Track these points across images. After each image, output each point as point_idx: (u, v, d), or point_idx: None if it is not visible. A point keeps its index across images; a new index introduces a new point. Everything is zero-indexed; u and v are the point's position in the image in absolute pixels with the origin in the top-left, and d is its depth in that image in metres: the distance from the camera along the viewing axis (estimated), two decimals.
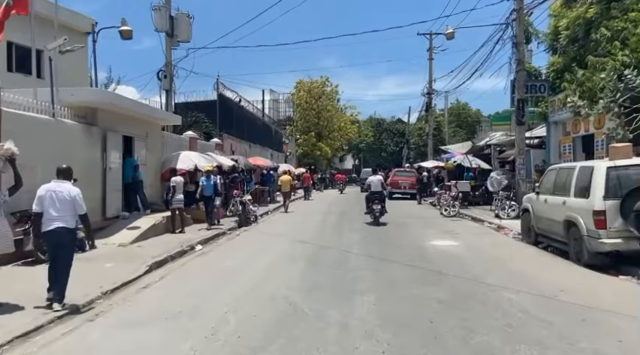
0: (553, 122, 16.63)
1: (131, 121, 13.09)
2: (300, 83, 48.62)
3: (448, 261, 9.00)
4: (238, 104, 26.40)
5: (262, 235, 13.25)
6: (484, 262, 9.03)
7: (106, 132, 11.75)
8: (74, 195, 6.06)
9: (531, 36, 17.33)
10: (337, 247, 10.77)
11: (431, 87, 32.74)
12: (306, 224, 15.98)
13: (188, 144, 18.49)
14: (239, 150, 25.76)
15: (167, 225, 12.62)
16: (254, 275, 7.84)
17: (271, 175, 25.52)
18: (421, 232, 13.59)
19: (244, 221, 15.42)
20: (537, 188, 10.97)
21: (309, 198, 30.36)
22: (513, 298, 6.32)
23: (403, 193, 29.34)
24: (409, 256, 9.47)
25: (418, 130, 45.21)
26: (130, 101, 12.47)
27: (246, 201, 15.76)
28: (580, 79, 11.40)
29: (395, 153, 60.12)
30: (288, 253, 10.02)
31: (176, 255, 9.83)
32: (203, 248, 10.92)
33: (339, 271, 8.09)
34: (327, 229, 14.54)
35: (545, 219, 10.23)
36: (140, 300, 6.48)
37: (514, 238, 12.28)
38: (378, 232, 13.46)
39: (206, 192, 13.20)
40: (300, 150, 47.45)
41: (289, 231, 14.04)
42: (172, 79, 19.80)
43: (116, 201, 12.30)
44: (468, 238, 12.25)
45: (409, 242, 11.51)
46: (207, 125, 22.46)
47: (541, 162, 17.45)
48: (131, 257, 9.15)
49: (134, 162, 13.08)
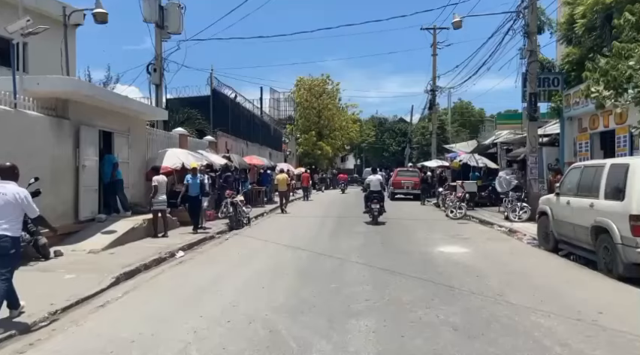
0: (568, 117, 15.47)
1: (110, 115, 11.98)
2: (300, 81, 47.45)
3: (460, 272, 7.86)
4: (234, 101, 25.26)
5: (252, 239, 12.11)
6: (501, 273, 7.88)
7: (79, 126, 10.63)
8: (23, 197, 5.11)
9: (543, 26, 16.19)
10: (334, 254, 9.64)
11: (435, 84, 31.61)
12: (302, 227, 14.86)
13: (178, 141, 17.40)
14: (235, 148, 24.65)
15: (148, 228, 11.51)
16: (233, 291, 6.71)
17: (268, 175, 24.39)
18: (426, 236, 12.45)
19: (235, 224, 14.30)
20: (557, 188, 9.83)
21: (308, 199, 29.33)
22: (544, 323, 5.18)
23: (405, 194, 28.19)
24: (414, 266, 8.33)
25: (421, 129, 44.06)
26: (106, 93, 11.35)
27: (237, 202, 14.63)
28: (603, 67, 10.21)
29: (397, 153, 59.06)
30: (277, 262, 8.89)
31: (152, 263, 8.71)
32: (184, 255, 9.80)
33: (333, 285, 6.95)
34: (324, 232, 13.41)
35: (567, 223, 9.08)
36: (90, 323, 5.35)
37: (530, 244, 11.13)
38: (380, 236, 12.33)
39: (191, 192, 12.08)
40: (301, 149, 46.26)
41: (283, 235, 12.92)
42: (162, 73, 18.70)
43: (92, 202, 11.19)
44: (479, 244, 11.10)
45: (414, 248, 10.37)
46: (200, 123, 21.32)
47: (554, 160, 16.29)
48: (98, 266, 8.04)
49: (114, 160, 11.97)
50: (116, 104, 11.93)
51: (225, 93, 23.84)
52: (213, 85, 22.02)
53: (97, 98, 10.91)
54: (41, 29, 8.79)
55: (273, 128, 38.27)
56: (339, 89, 49.71)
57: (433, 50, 31.58)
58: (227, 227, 13.99)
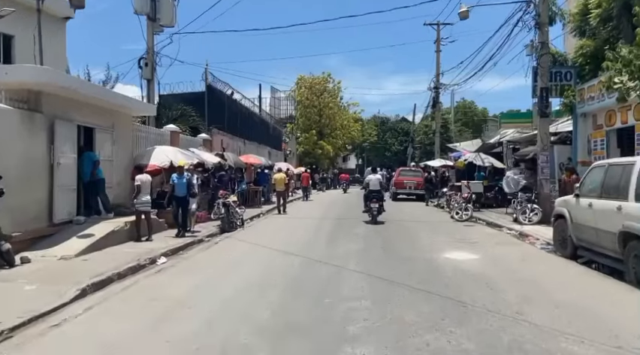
0: (582, 114, 14.55)
1: (91, 109, 11.12)
2: (301, 79, 46.54)
3: (470, 283, 6.98)
4: (230, 98, 24.39)
5: (243, 243, 11.25)
6: (517, 285, 7.00)
7: (54, 121, 9.76)
8: None
9: (555, 17, 15.28)
10: (330, 260, 8.77)
11: (438, 81, 30.64)
12: (298, 229, 14.00)
13: (170, 138, 16.56)
14: (231, 146, 23.79)
15: (131, 231, 10.66)
16: (212, 306, 5.85)
17: (265, 174, 23.52)
18: (431, 239, 11.57)
19: (227, 226, 13.44)
20: (575, 189, 8.95)
21: (307, 199, 28.49)
22: (578, 352, 4.31)
23: (408, 194, 27.29)
24: (419, 276, 7.46)
25: (424, 128, 43.13)
26: (85, 84, 10.49)
27: (229, 203, 13.78)
28: (627, 57, 9.34)
29: (399, 153, 58.08)
30: (266, 271, 8.03)
31: (127, 272, 7.85)
32: (166, 262, 8.93)
33: (327, 300, 6.08)
34: (321, 235, 12.54)
35: (589, 228, 8.20)
36: (32, 351, 4.50)
37: (544, 249, 10.24)
38: (381, 240, 11.45)
39: (178, 192, 11.20)
40: (301, 148, 45.36)
41: (277, 238, 12.06)
42: (154, 67, 17.83)
43: (69, 203, 10.32)
44: (489, 249, 10.22)
45: (417, 254, 9.49)
46: (195, 120, 20.43)
47: (566, 159, 15.38)
48: (65, 276, 7.18)
49: (94, 158, 11.11)
50: (97, 97, 11.07)
51: (221, 89, 22.97)
52: (208, 80, 21.15)
53: (74, 90, 10.03)
54: (7, 12, 7.93)
55: (272, 126, 37.40)
56: (341, 88, 48.88)
57: (437, 46, 30.66)
58: (218, 229, 13.15)
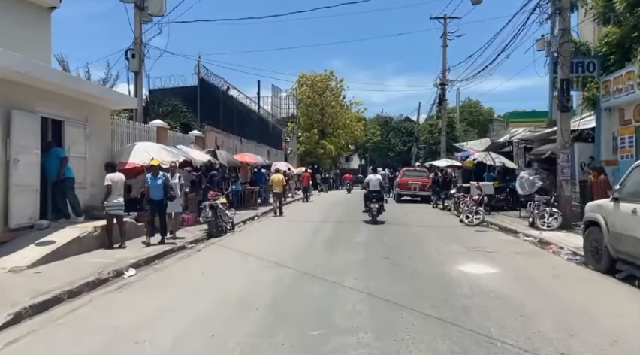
0: (606, 108, 13.21)
1: (58, 99, 9.90)
2: (303, 76, 45.31)
3: (495, 307, 5.69)
4: (226, 93, 23.13)
5: (230, 251, 9.98)
6: (552, 309, 5.70)
7: (10, 111, 8.53)
8: None
9: (576, 1, 13.97)
10: (325, 273, 7.50)
11: (445, 77, 29.33)
12: (294, 233, 12.74)
13: (156, 135, 15.35)
14: (226, 145, 22.56)
15: (102, 238, 9.43)
16: (169, 340, 4.58)
17: (262, 174, 22.27)
18: (441, 248, 10.28)
19: (215, 230, 12.19)
20: (613, 192, 7.65)
21: (308, 200, 27.27)
22: None
23: (412, 195, 25.98)
24: (430, 295, 6.18)
25: (429, 127, 41.76)
26: (47, 71, 9.22)
27: (217, 206, 12.53)
28: None
29: (403, 153, 56.81)
30: (248, 287, 6.76)
31: (83, 288, 6.60)
32: (135, 274, 7.68)
33: (316, 332, 4.79)
34: (318, 241, 11.27)
35: (631, 238, 6.90)
36: None
37: (572, 261, 8.92)
38: (385, 248, 10.17)
39: (153, 195, 9.92)
40: (302, 148, 44.08)
41: (269, 245, 10.81)
42: (142, 59, 16.63)
43: (29, 205, 9.08)
44: (509, 261, 8.92)
45: (427, 267, 8.20)
46: (186, 115, 19.18)
47: (587, 158, 14.06)
48: (2, 294, 5.94)
49: (61, 154, 9.87)
50: (66, 85, 9.83)
51: (215, 84, 21.70)
52: (201, 74, 19.89)
53: (35, 76, 8.77)
54: None
55: (273, 125, 36.15)
56: (343, 86, 47.63)
57: (444, 41, 29.36)
58: (205, 234, 11.91)
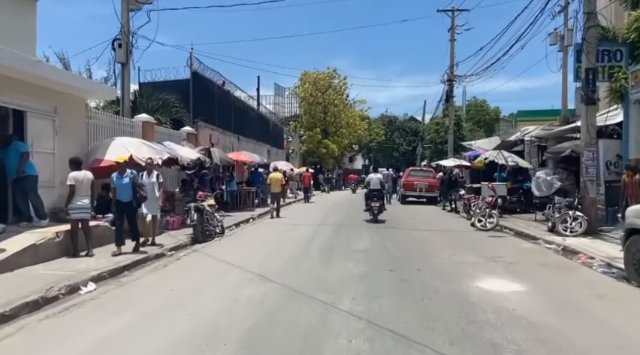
0: (636, 101, 11.91)
1: (18, 87, 8.71)
2: (305, 74, 44.11)
3: (533, 343, 4.40)
4: (222, 88, 21.92)
5: (213, 260, 8.75)
6: (609, 346, 4.43)
7: None
8: None
9: None
10: (318, 292, 6.25)
11: (452, 73, 28.02)
12: (288, 239, 11.52)
13: (141, 130, 14.16)
14: (222, 142, 21.39)
15: (65, 245, 8.24)
16: None
17: (260, 173, 21.05)
18: (454, 257, 9.01)
19: (201, 235, 11.00)
20: None
21: (309, 201, 26.11)
22: None
23: (418, 197, 24.73)
24: (448, 326, 4.91)
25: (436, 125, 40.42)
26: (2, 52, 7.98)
27: (204, 208, 11.32)
28: None
29: (408, 153, 55.58)
30: (222, 311, 5.51)
31: (20, 310, 5.38)
32: (95, 290, 6.47)
33: None
34: (314, 249, 10.03)
35: None
36: None
37: (608, 275, 7.61)
38: (389, 258, 8.92)
39: (120, 196, 8.66)
40: (304, 147, 42.85)
41: (258, 252, 9.57)
42: (129, 49, 15.46)
43: None
44: (534, 275, 7.63)
45: (440, 283, 6.90)
46: (178, 111, 17.99)
47: (614, 157, 12.76)
48: None
49: (22, 149, 8.69)
50: (29, 71, 8.59)
51: (210, 79, 20.48)
52: (194, 67, 18.68)
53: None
54: None
55: (273, 123, 34.94)
56: (347, 84, 46.37)
57: (451, 35, 28.05)
58: (189, 240, 10.72)
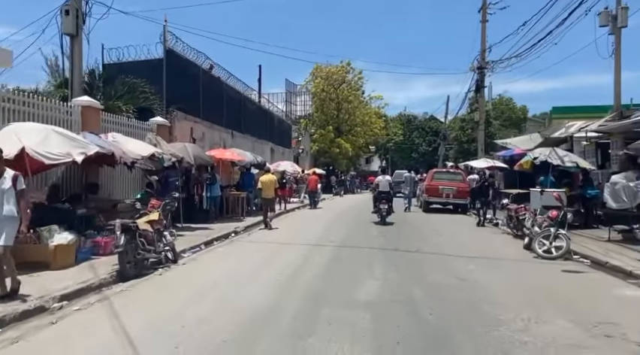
0: None
1: None
2: (317, 68, 40.55)
3: None
4: (209, 73, 18.30)
5: (106, 330, 5.06)
6: None
7: None
8: None
9: None
10: None
11: (484, 59, 24.00)
12: (259, 275, 7.73)
13: (80, 118, 10.65)
14: (210, 138, 17.83)
15: None
16: None
17: (252, 175, 17.36)
18: (529, 325, 5.14)
19: (129, 268, 7.36)
20: None
21: (316, 206, 22.48)
22: None
23: (444, 204, 20.69)
24: None
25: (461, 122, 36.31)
26: None
27: (136, 227, 7.67)
28: None
29: (427, 154, 51.63)
30: None
31: None
32: None
33: None
34: (293, 297, 6.25)
35: None
36: None
37: None
38: (415, 322, 5.13)
39: None
40: (316, 146, 39.19)
41: (208, 299, 5.86)
42: (82, 18, 12.02)
43: None
44: None
45: None
46: (148, 97, 14.39)
47: None
48: None
49: None
50: None
51: (193, 61, 16.89)
52: (169, 43, 15.07)
53: None
54: None
55: (279, 118, 31.30)
56: (362, 79, 42.62)
57: (482, 15, 24.04)
58: (112, 276, 7.10)
